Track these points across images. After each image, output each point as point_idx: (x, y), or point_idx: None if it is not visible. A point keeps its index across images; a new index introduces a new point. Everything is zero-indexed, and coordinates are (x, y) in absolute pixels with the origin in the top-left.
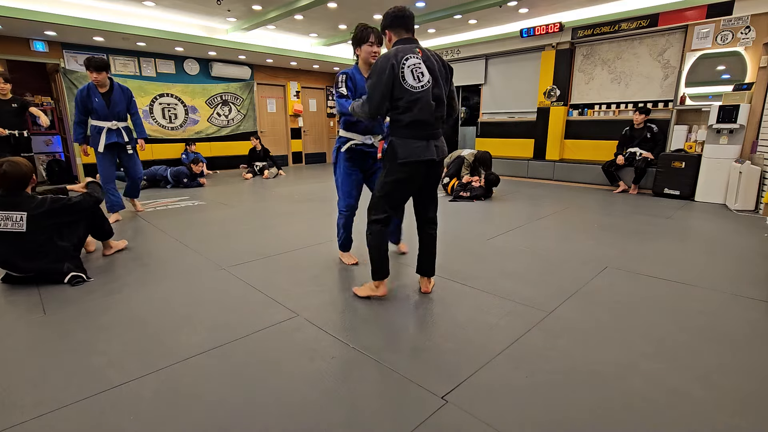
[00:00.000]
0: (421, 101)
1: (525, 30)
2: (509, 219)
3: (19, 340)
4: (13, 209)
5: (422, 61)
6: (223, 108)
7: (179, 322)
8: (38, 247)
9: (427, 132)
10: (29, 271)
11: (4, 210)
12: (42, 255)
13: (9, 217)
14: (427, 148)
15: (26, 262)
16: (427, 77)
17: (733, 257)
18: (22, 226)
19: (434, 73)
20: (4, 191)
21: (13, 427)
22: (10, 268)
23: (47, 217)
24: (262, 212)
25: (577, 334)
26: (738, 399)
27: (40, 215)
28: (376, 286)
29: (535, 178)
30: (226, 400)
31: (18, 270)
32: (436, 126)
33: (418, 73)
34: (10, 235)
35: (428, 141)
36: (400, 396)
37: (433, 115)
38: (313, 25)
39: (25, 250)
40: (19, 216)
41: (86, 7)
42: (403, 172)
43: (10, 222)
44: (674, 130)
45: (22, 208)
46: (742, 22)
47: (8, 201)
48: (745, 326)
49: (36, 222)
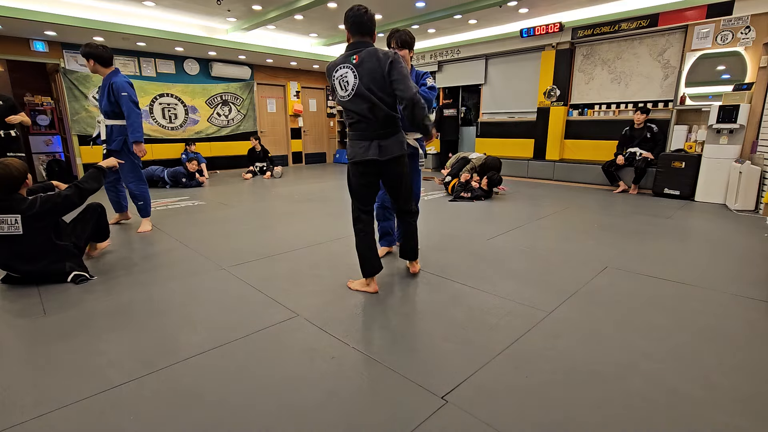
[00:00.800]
0: (354, 107)
1: (525, 30)
2: (509, 219)
3: (19, 340)
4: (6, 212)
5: (351, 68)
6: (223, 108)
7: (179, 322)
8: (37, 248)
9: (370, 133)
10: (30, 273)
11: None
12: (42, 256)
13: (3, 221)
14: (368, 149)
15: (26, 264)
16: (352, 84)
17: (734, 257)
18: (18, 228)
19: (365, 76)
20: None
21: (13, 427)
22: (11, 270)
23: (41, 218)
24: (262, 212)
25: (577, 334)
26: (738, 399)
27: (33, 217)
28: (367, 283)
29: (535, 178)
30: (226, 400)
31: (19, 272)
32: (382, 126)
33: (344, 83)
34: (7, 238)
35: (371, 141)
36: (400, 396)
37: (372, 116)
38: (313, 25)
39: (24, 253)
40: (14, 219)
41: (86, 7)
42: (354, 171)
43: (6, 225)
44: (674, 130)
45: (14, 210)
46: (742, 22)
47: (1, 205)
48: (745, 326)
49: (30, 224)
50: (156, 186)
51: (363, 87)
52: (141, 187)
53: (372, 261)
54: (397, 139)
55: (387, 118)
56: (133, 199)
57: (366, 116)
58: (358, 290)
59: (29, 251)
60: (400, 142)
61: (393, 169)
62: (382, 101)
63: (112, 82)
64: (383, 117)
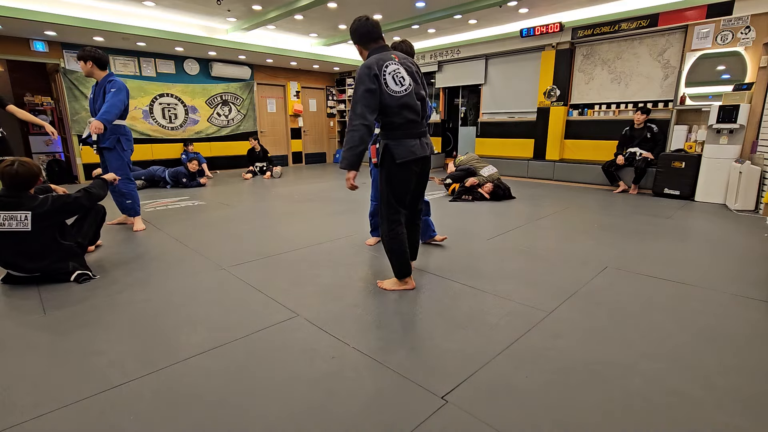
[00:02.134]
0: (410, 101)
1: (525, 30)
2: (509, 219)
3: (19, 340)
4: (17, 209)
5: (402, 65)
6: (223, 108)
7: (179, 322)
8: (42, 246)
9: (416, 131)
10: (34, 271)
11: (7, 210)
12: (46, 254)
13: (13, 217)
14: (420, 146)
15: (30, 262)
16: (408, 80)
17: (734, 257)
18: (27, 225)
19: (412, 75)
20: (9, 191)
21: (12, 427)
22: (14, 268)
23: (50, 217)
24: (262, 212)
25: (577, 334)
26: (738, 399)
27: (43, 214)
28: (405, 281)
29: (535, 178)
30: (226, 400)
31: (22, 270)
32: (423, 124)
33: (398, 78)
34: (13, 235)
35: (419, 139)
36: (400, 396)
37: (419, 115)
38: (313, 25)
39: (29, 251)
40: (24, 215)
41: (86, 7)
42: (404, 171)
43: (15, 222)
44: (674, 130)
45: (25, 207)
46: (742, 22)
47: (12, 201)
48: (745, 326)
49: (40, 221)
50: (157, 186)
51: (416, 84)
52: (129, 186)
53: (409, 261)
54: (429, 137)
55: (424, 119)
56: (120, 198)
57: (417, 112)
58: (394, 290)
59: (35, 249)
60: (431, 140)
61: (428, 166)
62: (423, 100)
63: (111, 80)
64: (423, 115)
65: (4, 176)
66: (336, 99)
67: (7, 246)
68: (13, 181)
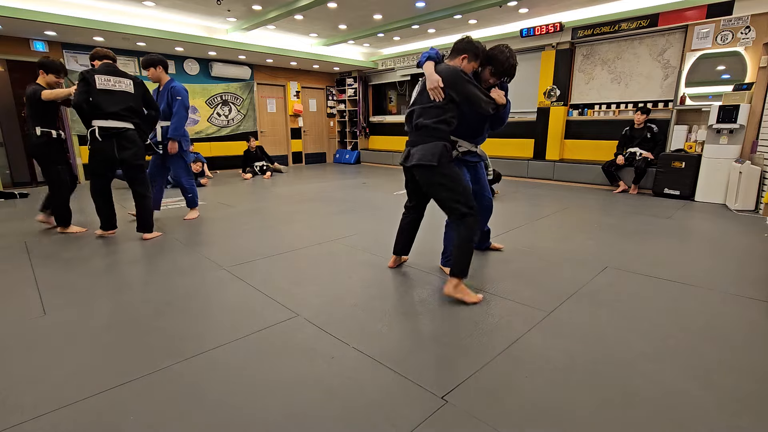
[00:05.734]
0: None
1: (525, 30)
2: (509, 219)
3: (19, 340)
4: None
5: (417, 85)
6: (223, 108)
7: (179, 322)
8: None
9: (410, 139)
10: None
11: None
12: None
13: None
14: (404, 154)
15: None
16: (413, 97)
17: (734, 257)
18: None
19: (420, 88)
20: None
21: (12, 427)
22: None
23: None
24: (262, 212)
25: (577, 334)
26: (738, 399)
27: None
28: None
29: (535, 178)
30: (226, 400)
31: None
32: (414, 134)
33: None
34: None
35: (410, 148)
36: (400, 396)
37: (411, 124)
38: (313, 25)
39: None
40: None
41: (86, 7)
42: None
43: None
44: (674, 130)
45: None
46: (742, 22)
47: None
48: (745, 326)
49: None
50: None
51: (418, 95)
52: (190, 181)
53: (397, 241)
54: (424, 148)
55: (417, 127)
56: (183, 193)
57: (409, 123)
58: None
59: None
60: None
61: (422, 176)
62: (424, 112)
63: (172, 87)
64: (417, 125)
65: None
66: (336, 99)
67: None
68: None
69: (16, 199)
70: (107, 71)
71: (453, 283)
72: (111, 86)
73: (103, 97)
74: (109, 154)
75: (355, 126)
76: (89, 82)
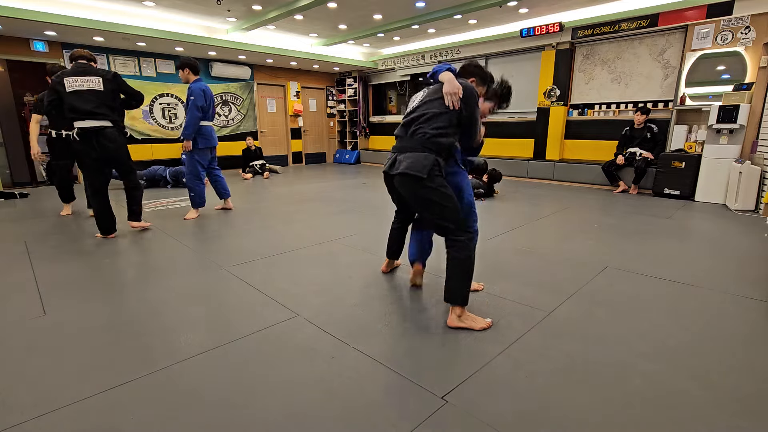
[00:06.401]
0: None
1: (525, 30)
2: (509, 219)
3: (19, 340)
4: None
5: (419, 93)
6: (223, 108)
7: (179, 322)
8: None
9: (397, 146)
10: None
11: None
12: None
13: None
14: (389, 162)
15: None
16: (414, 104)
17: (734, 257)
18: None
19: (426, 97)
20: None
21: (12, 427)
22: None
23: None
24: (262, 212)
25: (577, 334)
26: (738, 399)
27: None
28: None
29: (535, 178)
30: (226, 400)
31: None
32: (407, 140)
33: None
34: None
35: (396, 155)
36: (400, 396)
37: (405, 131)
38: (313, 25)
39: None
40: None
41: (86, 7)
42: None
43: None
44: (674, 130)
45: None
46: (742, 22)
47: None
48: (745, 326)
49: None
50: (157, 185)
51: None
52: (195, 181)
53: (389, 248)
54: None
55: (408, 135)
56: (188, 191)
57: (404, 128)
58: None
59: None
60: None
61: (403, 186)
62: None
63: (189, 87)
64: (410, 132)
65: None
66: (336, 99)
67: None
68: None
69: (16, 199)
70: (76, 72)
71: (456, 312)
72: (78, 86)
73: (75, 98)
74: (92, 153)
75: (355, 126)
76: (57, 90)
